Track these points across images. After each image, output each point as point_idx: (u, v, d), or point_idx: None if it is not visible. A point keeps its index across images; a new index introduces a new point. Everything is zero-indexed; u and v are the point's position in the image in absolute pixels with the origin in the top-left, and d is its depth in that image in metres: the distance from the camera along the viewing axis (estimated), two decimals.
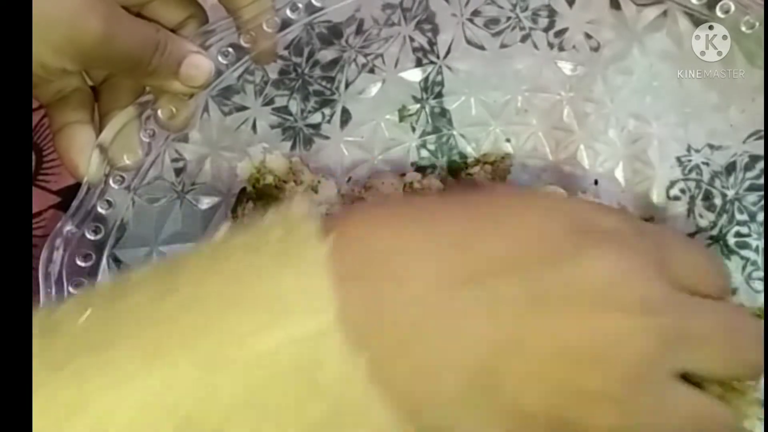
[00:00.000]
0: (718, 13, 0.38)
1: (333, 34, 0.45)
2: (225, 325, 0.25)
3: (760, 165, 0.43)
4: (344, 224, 0.27)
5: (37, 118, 0.52)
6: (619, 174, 0.47)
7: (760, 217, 0.43)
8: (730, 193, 0.44)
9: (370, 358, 0.25)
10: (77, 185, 0.39)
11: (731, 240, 0.44)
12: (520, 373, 0.26)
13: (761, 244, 0.44)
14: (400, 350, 0.26)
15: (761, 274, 0.44)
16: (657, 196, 0.46)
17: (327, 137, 0.48)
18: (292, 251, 0.26)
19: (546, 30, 0.46)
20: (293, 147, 0.47)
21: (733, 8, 0.38)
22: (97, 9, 0.35)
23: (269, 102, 0.46)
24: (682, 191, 0.46)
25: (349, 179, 0.49)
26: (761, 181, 0.43)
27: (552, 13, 0.45)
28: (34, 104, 0.51)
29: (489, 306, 0.26)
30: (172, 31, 0.40)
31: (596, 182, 0.48)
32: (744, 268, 0.44)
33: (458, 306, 0.26)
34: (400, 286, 0.26)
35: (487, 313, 0.26)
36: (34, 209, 0.51)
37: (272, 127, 0.47)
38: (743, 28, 0.38)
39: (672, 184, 0.46)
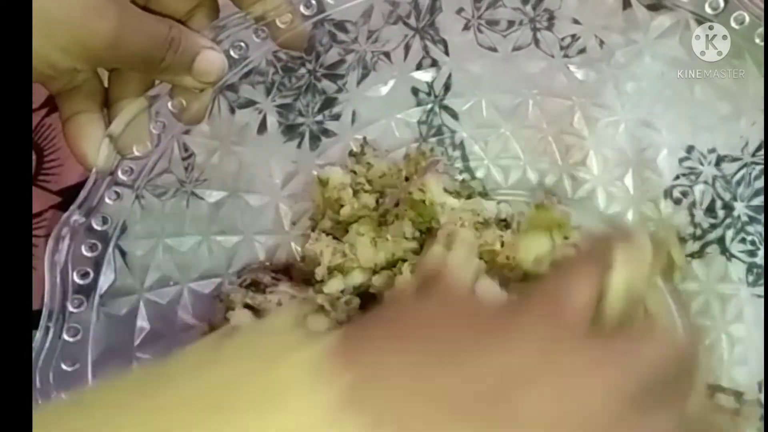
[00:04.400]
0: (733, 24, 0.38)
1: (344, 32, 0.45)
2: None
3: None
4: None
5: (37, 119, 0.52)
6: (628, 181, 0.47)
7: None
8: (736, 200, 0.44)
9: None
10: (77, 185, 0.39)
11: (733, 246, 0.44)
12: None
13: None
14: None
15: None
16: (664, 205, 0.46)
17: (336, 135, 0.48)
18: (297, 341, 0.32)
19: (558, 34, 0.45)
20: (300, 144, 0.47)
21: (747, 20, 0.38)
22: (106, 10, 0.34)
23: (278, 98, 0.46)
24: (684, 194, 0.46)
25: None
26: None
27: (564, 18, 0.45)
28: (34, 104, 0.51)
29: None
30: (182, 22, 0.40)
31: None
32: (747, 273, 0.45)
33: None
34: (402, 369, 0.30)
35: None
36: (34, 209, 0.51)
37: (281, 123, 0.47)
38: (757, 40, 0.38)
39: (676, 189, 0.46)
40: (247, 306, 0.42)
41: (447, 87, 0.48)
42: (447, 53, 0.47)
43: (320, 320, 0.42)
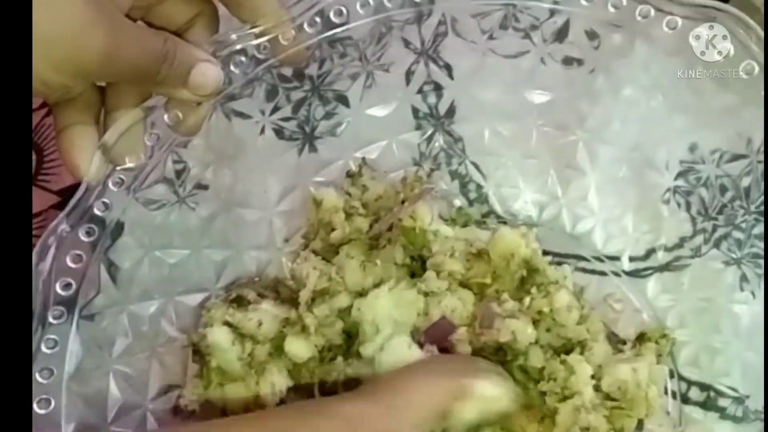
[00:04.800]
0: (742, 74, 0.37)
1: (348, 49, 0.44)
2: None
3: None
4: None
5: (37, 119, 0.52)
6: (627, 221, 0.47)
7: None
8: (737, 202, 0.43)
9: None
10: (78, 185, 0.39)
11: (732, 247, 0.44)
12: None
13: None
14: None
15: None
16: (664, 246, 0.45)
17: (335, 152, 0.48)
18: None
19: (566, 67, 0.44)
20: (297, 160, 0.47)
21: (756, 70, 0.37)
22: (99, 26, 0.34)
23: (278, 112, 0.46)
24: (678, 204, 0.45)
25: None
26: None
27: (574, 52, 0.44)
28: (34, 104, 0.51)
29: None
30: (179, 35, 0.39)
31: None
32: (743, 275, 0.44)
33: None
34: None
35: None
36: (34, 209, 0.51)
37: (279, 137, 0.46)
38: None
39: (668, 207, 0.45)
40: (226, 323, 0.42)
41: (450, 111, 0.48)
42: (452, 77, 0.46)
43: (299, 344, 0.41)
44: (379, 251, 0.44)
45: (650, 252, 0.46)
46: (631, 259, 0.47)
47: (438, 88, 0.47)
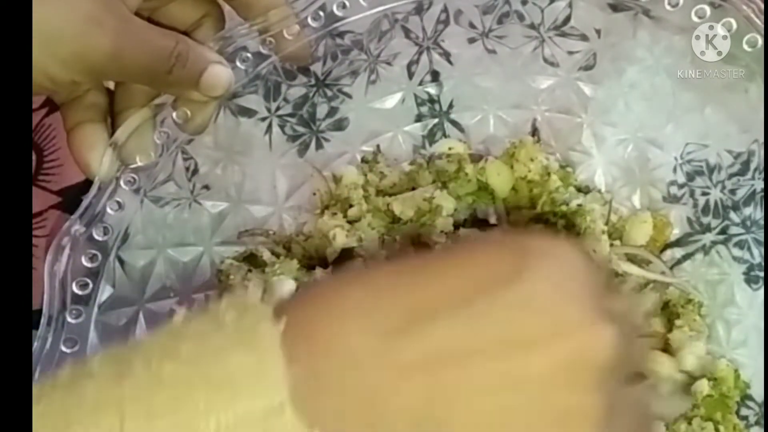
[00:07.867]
0: (745, 47, 0.38)
1: (352, 43, 0.45)
2: (181, 406, 0.25)
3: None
4: (294, 306, 0.27)
5: (37, 119, 0.52)
6: (635, 200, 0.47)
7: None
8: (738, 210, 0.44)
9: None
10: (78, 185, 0.39)
11: (733, 246, 0.44)
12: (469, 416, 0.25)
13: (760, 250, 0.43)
14: (350, 421, 0.26)
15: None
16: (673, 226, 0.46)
17: (341, 146, 0.48)
18: (245, 333, 0.27)
19: (567, 50, 0.45)
20: (304, 155, 0.47)
21: (760, 42, 0.37)
22: (105, 23, 0.34)
23: (284, 108, 0.46)
24: (681, 198, 0.46)
25: None
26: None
27: (574, 34, 0.44)
28: (34, 104, 0.51)
29: (428, 356, 0.26)
30: (188, 33, 0.39)
31: None
32: (745, 271, 0.44)
33: (398, 363, 0.26)
34: (343, 361, 0.26)
35: (425, 365, 0.26)
36: (35, 209, 0.51)
37: (285, 133, 0.46)
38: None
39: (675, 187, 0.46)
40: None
41: (454, 101, 0.48)
42: (454, 67, 0.47)
43: None
44: (399, 227, 0.45)
45: None
46: None
47: (440, 77, 0.47)
